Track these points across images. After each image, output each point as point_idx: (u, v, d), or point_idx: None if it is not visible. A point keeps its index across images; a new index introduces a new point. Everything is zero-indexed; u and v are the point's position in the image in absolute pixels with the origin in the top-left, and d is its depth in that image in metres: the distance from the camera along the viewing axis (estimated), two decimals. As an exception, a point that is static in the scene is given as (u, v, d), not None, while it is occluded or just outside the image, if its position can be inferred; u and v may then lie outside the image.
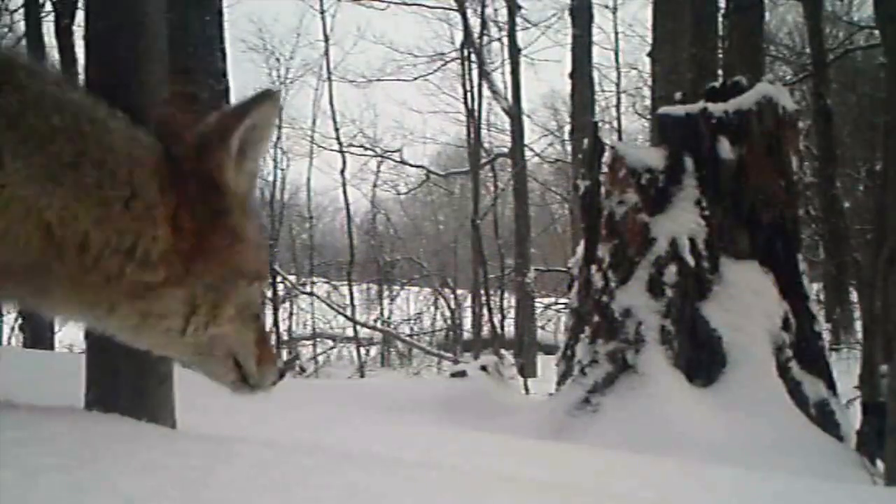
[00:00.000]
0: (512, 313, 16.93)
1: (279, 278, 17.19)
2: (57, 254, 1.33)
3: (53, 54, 10.02)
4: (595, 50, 15.44)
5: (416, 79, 19.83)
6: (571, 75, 14.43)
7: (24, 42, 10.18)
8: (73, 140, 1.33)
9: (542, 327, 17.65)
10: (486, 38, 17.73)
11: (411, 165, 21.57)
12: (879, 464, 4.82)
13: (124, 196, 1.35)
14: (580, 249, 6.83)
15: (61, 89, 1.39)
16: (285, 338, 17.98)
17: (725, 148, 5.79)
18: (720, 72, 8.62)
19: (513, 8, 16.77)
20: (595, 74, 15.64)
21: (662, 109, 6.43)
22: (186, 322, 1.43)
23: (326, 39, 18.16)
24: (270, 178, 19.73)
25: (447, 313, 18.65)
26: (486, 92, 17.62)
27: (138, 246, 1.35)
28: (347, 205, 18.82)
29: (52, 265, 1.33)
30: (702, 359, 5.49)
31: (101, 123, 1.37)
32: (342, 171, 18.45)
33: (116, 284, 1.36)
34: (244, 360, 1.53)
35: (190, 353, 1.52)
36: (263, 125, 1.43)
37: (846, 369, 8.21)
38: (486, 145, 19.18)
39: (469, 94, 17.26)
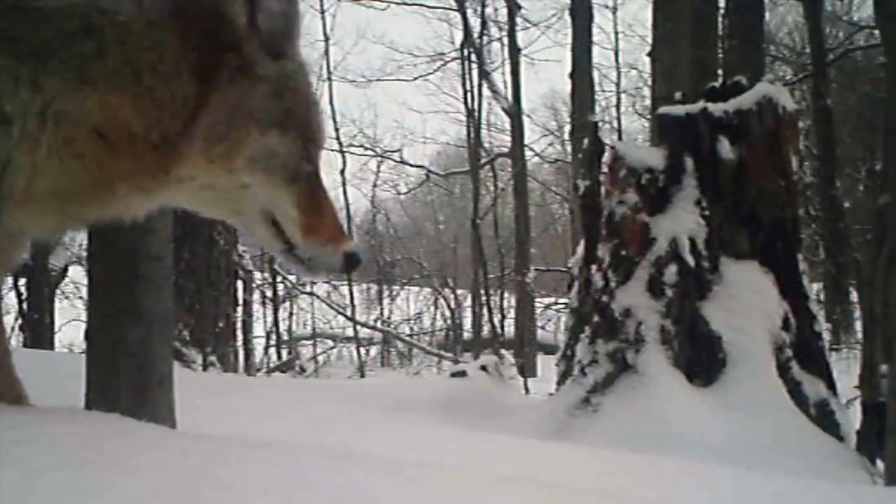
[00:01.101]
0: (512, 313, 16.94)
1: (279, 278, 17.19)
2: (113, 152, 1.32)
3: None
4: (595, 50, 15.43)
5: (416, 79, 19.88)
6: (571, 75, 14.41)
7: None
8: (93, 38, 1.30)
9: (542, 327, 17.66)
10: (486, 38, 17.75)
11: (411, 165, 21.60)
12: (879, 464, 4.82)
13: (151, 63, 1.33)
14: (580, 249, 6.82)
15: None
16: (285, 338, 17.98)
17: (725, 148, 5.79)
18: (720, 72, 8.61)
19: (513, 8, 16.77)
20: (595, 74, 15.64)
21: (662, 109, 6.43)
22: (210, 175, 1.40)
23: (326, 39, 18.16)
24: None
25: (447, 313, 18.67)
26: (486, 92, 17.64)
27: (175, 108, 1.34)
28: (347, 205, 18.81)
29: (110, 166, 1.33)
30: (702, 359, 5.49)
31: (107, 9, 1.33)
32: (342, 171, 18.45)
33: (158, 154, 1.34)
34: (284, 222, 1.46)
35: (233, 213, 1.49)
36: None
37: (846, 369, 8.21)
38: (486, 145, 19.20)
39: (469, 94, 17.28)
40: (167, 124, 1.34)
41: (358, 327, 16.52)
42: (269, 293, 16.67)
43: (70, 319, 11.82)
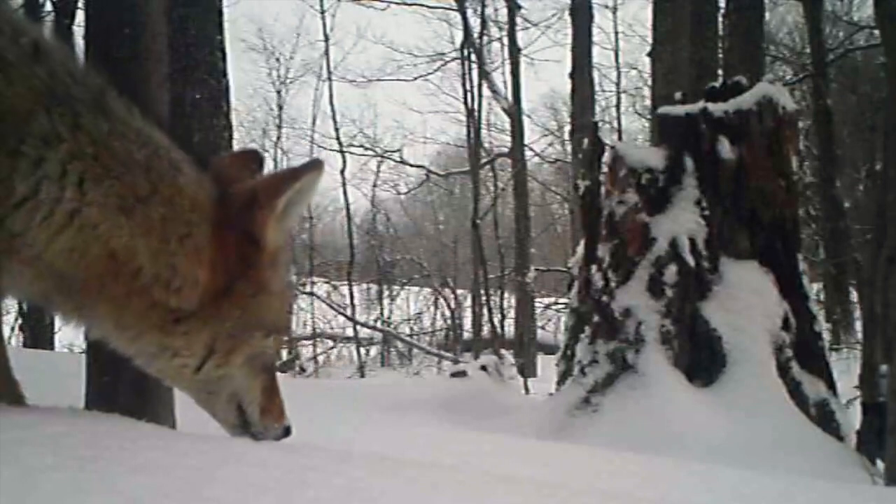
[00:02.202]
0: (512, 313, 16.93)
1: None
2: (113, 276, 1.40)
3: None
4: (595, 50, 15.44)
5: (416, 79, 19.86)
6: (571, 75, 14.41)
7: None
8: (150, 176, 1.41)
9: (542, 327, 17.65)
10: (486, 38, 17.75)
11: (411, 165, 21.59)
12: (879, 464, 4.82)
13: (182, 234, 1.43)
14: (580, 249, 6.82)
15: (146, 123, 1.46)
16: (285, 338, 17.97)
17: (725, 148, 5.79)
18: (720, 72, 8.62)
19: (513, 8, 16.77)
20: (595, 74, 15.64)
21: (662, 109, 6.43)
22: (202, 362, 1.50)
23: (326, 39, 18.19)
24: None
25: (447, 313, 18.66)
26: (486, 92, 17.63)
27: (183, 281, 1.43)
28: (347, 205, 18.85)
29: (105, 285, 1.41)
30: (702, 359, 5.49)
31: (176, 163, 1.45)
32: (342, 171, 18.47)
33: (152, 313, 1.44)
34: (248, 406, 1.58)
35: (197, 389, 1.58)
36: (307, 189, 1.50)
37: (846, 369, 8.22)
38: (486, 145, 19.20)
39: (469, 94, 17.27)
40: (168, 295, 1.44)
41: (358, 327, 16.52)
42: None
43: (70, 319, 11.78)
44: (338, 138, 18.52)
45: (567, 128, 17.85)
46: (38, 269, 1.39)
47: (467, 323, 18.17)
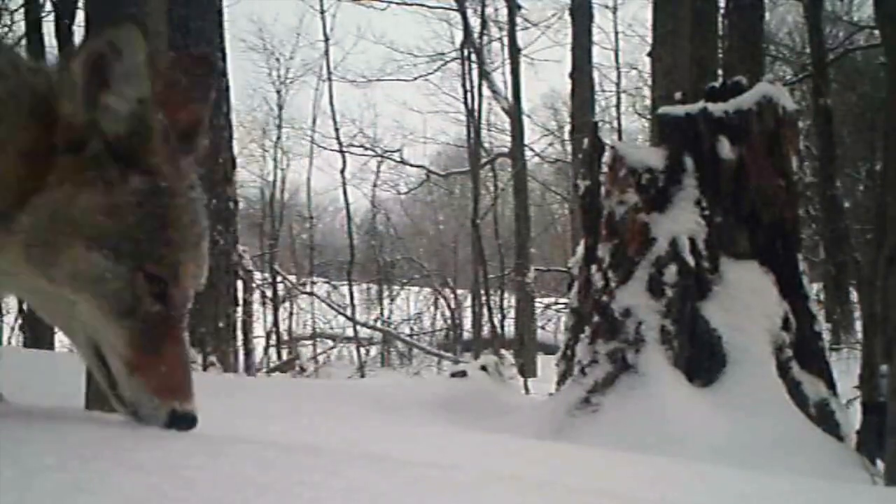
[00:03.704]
0: (512, 313, 16.94)
1: (279, 278, 17.20)
2: None
3: (53, 54, 10.03)
4: (595, 50, 15.47)
5: (416, 79, 19.90)
6: (571, 75, 14.43)
7: (24, 42, 10.19)
8: None
9: (542, 327, 17.67)
10: (486, 38, 17.78)
11: (411, 165, 21.62)
12: (879, 464, 4.82)
13: None
14: (580, 249, 6.83)
15: None
16: (285, 338, 17.99)
17: (725, 148, 5.79)
18: (720, 72, 8.62)
19: (513, 8, 16.78)
20: (595, 74, 15.67)
21: (662, 109, 6.43)
22: (31, 278, 1.26)
23: (326, 39, 18.20)
24: (270, 179, 19.78)
25: (447, 313, 18.69)
26: (486, 92, 17.66)
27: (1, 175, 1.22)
28: (347, 205, 18.86)
29: None
30: (702, 359, 5.49)
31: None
32: (342, 171, 18.49)
33: None
34: (108, 356, 1.29)
35: (62, 327, 1.35)
36: (128, 52, 1.21)
37: (846, 369, 8.21)
38: (486, 145, 19.22)
39: (469, 94, 17.30)
40: None
41: (358, 327, 16.53)
42: (269, 293, 16.68)
43: (70, 319, 11.79)
44: (338, 138, 18.55)
45: (567, 128, 17.86)
46: None
47: (467, 323, 18.20)
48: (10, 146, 1.24)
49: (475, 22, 17.34)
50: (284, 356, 17.02)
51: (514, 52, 16.78)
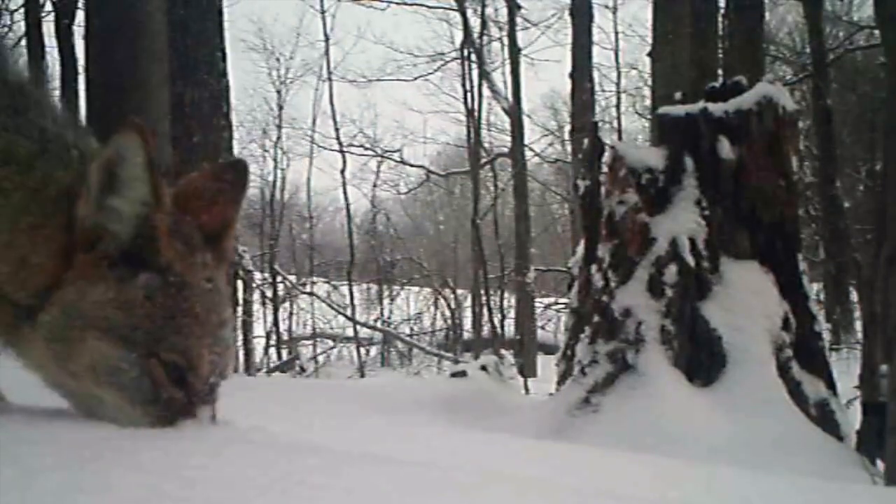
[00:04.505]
0: (512, 313, 16.95)
1: (279, 278, 17.20)
2: None
3: (53, 54, 10.03)
4: (595, 50, 15.45)
5: (416, 79, 19.92)
6: (571, 75, 14.42)
7: (24, 42, 10.19)
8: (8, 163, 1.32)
9: (542, 327, 17.67)
10: (486, 38, 17.77)
11: (411, 165, 21.64)
12: (879, 464, 4.82)
13: (32, 224, 1.31)
14: (580, 249, 6.82)
15: (41, 118, 1.38)
16: (285, 338, 17.99)
17: (725, 148, 5.79)
18: (720, 72, 8.61)
19: (513, 8, 16.78)
20: (595, 74, 15.65)
21: (662, 109, 6.43)
22: (57, 374, 1.33)
23: (326, 39, 18.20)
24: (270, 178, 19.78)
25: (447, 313, 18.68)
26: (486, 92, 17.66)
27: (26, 278, 1.30)
28: (347, 205, 18.86)
29: None
30: (702, 359, 5.49)
31: (54, 155, 1.35)
32: (342, 171, 18.49)
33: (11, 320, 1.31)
34: None
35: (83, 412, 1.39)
36: (130, 158, 1.29)
37: (846, 369, 8.21)
38: (486, 145, 19.23)
39: (469, 94, 17.31)
40: (17, 292, 1.31)
41: (358, 327, 16.53)
42: (269, 293, 16.69)
43: (70, 319, 11.79)
44: (338, 138, 18.55)
45: (567, 128, 17.85)
46: None
47: (467, 323, 18.20)
48: (40, 242, 1.31)
49: (475, 22, 17.36)
50: (284, 356, 17.02)
51: (514, 52, 16.78)
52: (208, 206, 1.42)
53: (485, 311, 15.89)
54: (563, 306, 14.69)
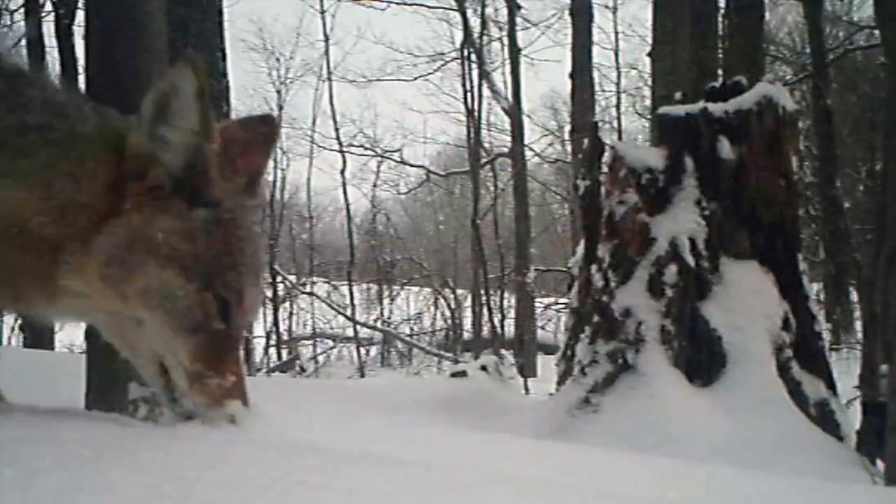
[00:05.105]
0: (512, 313, 16.94)
1: (279, 278, 17.20)
2: (15, 247, 1.34)
3: (53, 54, 10.03)
4: (595, 50, 15.44)
5: (416, 79, 19.88)
6: (571, 75, 14.41)
7: (24, 42, 10.19)
8: (24, 137, 1.35)
9: (542, 327, 17.66)
10: (486, 38, 17.76)
11: (411, 165, 21.62)
12: (879, 464, 4.82)
13: (70, 172, 1.35)
14: (580, 249, 6.83)
15: (42, 91, 1.42)
16: (285, 338, 17.99)
17: (725, 148, 5.79)
18: (720, 72, 8.62)
19: (513, 8, 16.77)
20: (595, 74, 15.64)
21: (662, 109, 6.43)
22: (103, 297, 1.37)
23: (326, 39, 18.19)
24: (270, 178, 19.79)
25: (447, 313, 18.68)
26: (486, 92, 17.65)
27: (78, 215, 1.35)
28: (347, 205, 18.85)
29: (10, 260, 1.34)
30: (702, 359, 5.49)
31: (69, 114, 1.39)
32: (342, 171, 18.49)
33: (45, 259, 1.35)
34: (173, 369, 1.39)
35: (125, 344, 1.44)
36: (182, 89, 1.34)
37: (846, 369, 8.21)
38: (486, 145, 19.21)
39: (469, 94, 17.30)
40: (65, 229, 1.35)
41: (358, 327, 16.53)
42: (269, 293, 16.68)
43: (70, 319, 11.80)
44: (338, 138, 18.54)
45: (567, 128, 17.84)
46: None
47: (467, 323, 18.19)
48: (96, 177, 1.36)
49: (475, 22, 17.35)
50: (284, 356, 17.02)
51: (514, 52, 16.77)
52: (242, 153, 1.47)
53: (485, 311, 15.89)
54: (563, 306, 14.69)
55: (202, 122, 1.35)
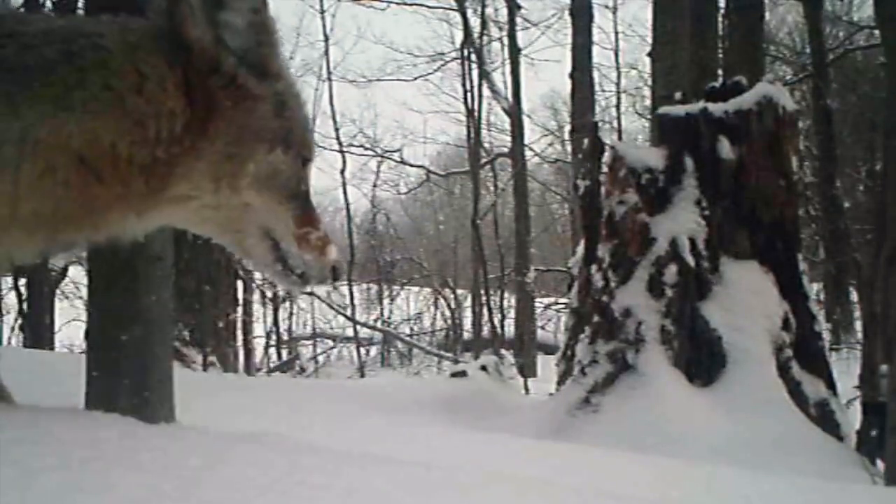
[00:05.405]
0: (512, 313, 16.92)
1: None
2: (98, 178, 1.33)
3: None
4: (595, 50, 15.42)
5: (416, 79, 19.86)
6: (571, 75, 14.41)
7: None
8: (73, 64, 1.32)
9: (542, 327, 17.65)
10: (486, 38, 17.74)
11: (411, 165, 21.59)
12: (879, 464, 4.82)
13: (135, 84, 1.34)
14: (580, 249, 6.83)
15: (46, 23, 1.40)
16: (285, 338, 17.98)
17: (725, 148, 5.79)
18: (720, 72, 8.62)
19: (513, 8, 16.77)
20: (595, 74, 15.62)
21: (662, 109, 6.43)
22: (215, 197, 1.42)
23: (326, 39, 18.15)
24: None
25: (447, 313, 18.66)
26: (486, 92, 17.63)
27: (161, 126, 1.34)
28: (347, 205, 18.82)
29: (97, 191, 1.34)
30: (702, 359, 5.49)
31: (90, 33, 1.36)
32: (342, 171, 18.45)
33: (150, 176, 1.36)
34: (281, 238, 1.49)
35: (231, 235, 1.51)
36: None
37: (846, 369, 8.21)
38: (486, 145, 19.19)
39: (469, 94, 17.27)
40: (157, 145, 1.35)
41: (358, 327, 16.52)
42: (269, 293, 16.67)
43: (70, 319, 11.82)
44: (338, 138, 18.51)
45: (567, 128, 17.84)
46: (29, 226, 1.33)
47: (467, 323, 18.17)
48: (163, 81, 1.36)
49: (475, 22, 17.33)
50: (284, 356, 17.01)
51: (514, 52, 16.76)
52: None
53: (485, 311, 15.87)
54: (563, 306, 14.69)
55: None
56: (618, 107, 21.30)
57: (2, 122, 1.26)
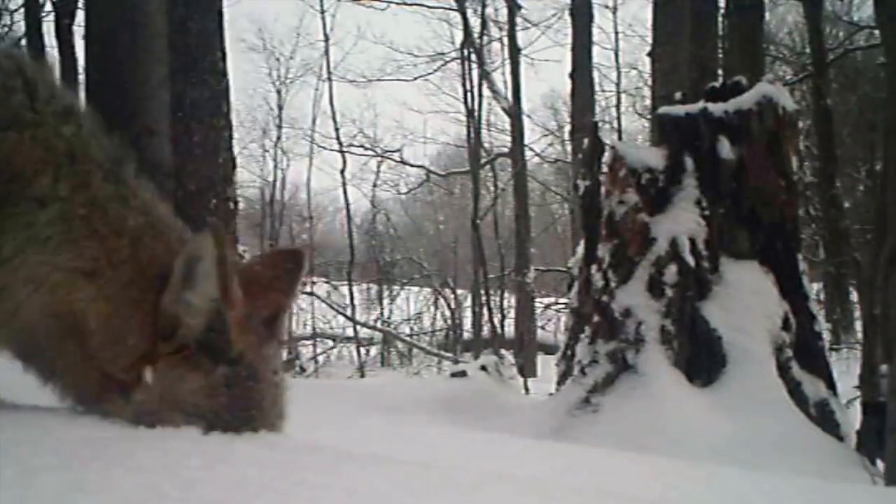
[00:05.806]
0: (512, 313, 16.92)
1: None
2: (73, 340, 1.41)
3: (53, 54, 10.02)
4: (595, 50, 15.44)
5: (416, 79, 19.87)
6: (571, 75, 14.42)
7: (24, 42, 10.18)
8: (135, 243, 1.45)
9: (542, 327, 17.64)
10: (486, 38, 17.75)
11: (411, 165, 21.60)
12: (879, 464, 4.82)
13: (135, 300, 1.43)
14: (580, 249, 6.83)
15: (151, 196, 1.52)
16: (285, 338, 17.95)
17: (725, 148, 5.79)
18: (720, 72, 8.62)
19: (513, 8, 16.77)
20: (595, 74, 15.64)
21: (662, 109, 6.43)
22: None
23: (326, 39, 18.18)
24: (270, 178, 19.80)
25: (447, 313, 18.64)
26: (486, 92, 17.64)
27: (124, 350, 1.42)
28: (347, 205, 18.84)
29: (68, 349, 1.41)
30: (702, 359, 5.50)
31: (161, 232, 1.48)
32: (342, 171, 18.46)
33: (103, 386, 1.42)
34: None
35: None
36: (204, 258, 1.41)
37: (846, 369, 8.21)
38: (486, 145, 19.20)
39: (469, 94, 17.28)
40: (113, 363, 1.42)
41: (358, 327, 16.51)
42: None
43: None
44: (338, 138, 18.52)
45: (567, 128, 17.85)
46: (13, 328, 1.42)
47: (467, 323, 18.16)
48: (137, 320, 1.44)
49: (475, 22, 17.33)
50: (284, 356, 16.98)
51: (514, 52, 16.77)
52: (264, 292, 1.54)
53: (485, 311, 15.87)
54: (563, 306, 14.67)
55: (221, 288, 1.41)
56: (618, 107, 21.32)
57: None
